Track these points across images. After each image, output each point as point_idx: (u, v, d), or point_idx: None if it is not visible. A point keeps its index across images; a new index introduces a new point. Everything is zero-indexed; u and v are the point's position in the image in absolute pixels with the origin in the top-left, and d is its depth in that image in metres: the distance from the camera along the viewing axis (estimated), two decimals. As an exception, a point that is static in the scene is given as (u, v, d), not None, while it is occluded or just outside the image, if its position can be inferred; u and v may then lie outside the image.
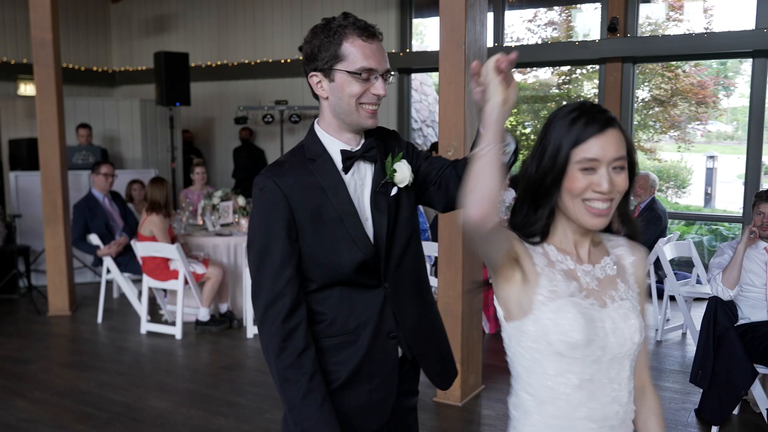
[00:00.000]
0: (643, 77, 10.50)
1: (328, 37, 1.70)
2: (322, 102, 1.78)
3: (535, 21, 11.33)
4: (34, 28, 6.11)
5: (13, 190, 7.46)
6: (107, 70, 11.29)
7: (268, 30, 9.75)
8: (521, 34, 11.17)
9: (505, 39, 8.44)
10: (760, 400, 3.78)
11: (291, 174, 1.72)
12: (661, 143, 11.04)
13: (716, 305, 3.86)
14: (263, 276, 1.68)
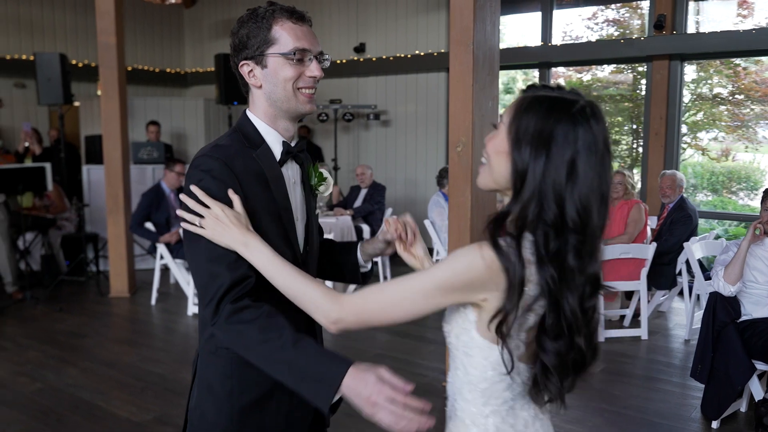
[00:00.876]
0: (705, 75, 10.25)
1: (257, 23, 1.65)
2: (254, 92, 1.69)
3: (594, 19, 11.25)
4: (100, 34, 6.69)
5: (86, 182, 8.13)
6: (179, 72, 12.00)
7: (326, 31, 10.12)
8: (580, 32, 11.12)
9: (553, 37, 8.44)
10: (756, 396, 3.79)
11: (239, 159, 1.61)
12: (724, 143, 10.71)
13: (716, 301, 3.89)
14: (215, 265, 1.54)
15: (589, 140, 1.26)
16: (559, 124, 1.25)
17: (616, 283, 5.52)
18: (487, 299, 1.29)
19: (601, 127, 1.30)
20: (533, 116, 1.26)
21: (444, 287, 1.30)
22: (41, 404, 4.23)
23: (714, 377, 3.86)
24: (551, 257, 1.26)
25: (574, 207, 1.25)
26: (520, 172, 1.27)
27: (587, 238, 1.28)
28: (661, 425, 3.95)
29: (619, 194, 5.68)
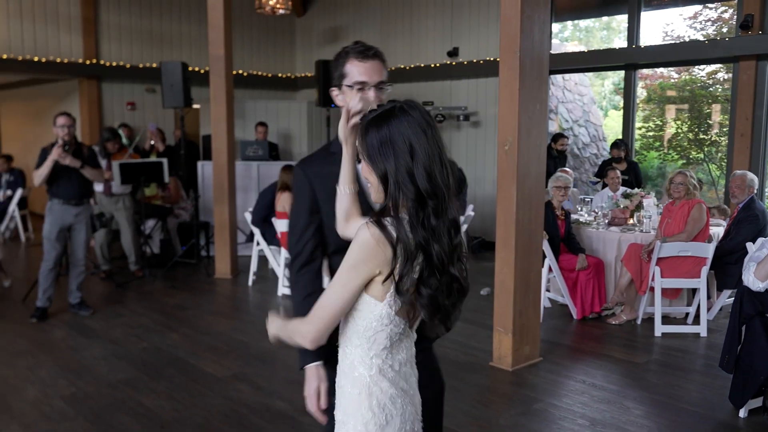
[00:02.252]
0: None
1: (338, 61, 2.15)
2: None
3: (697, 18, 11.06)
4: (211, 46, 7.58)
5: (200, 176, 9.13)
6: (290, 76, 12.96)
7: (423, 37, 10.65)
8: (681, 31, 10.98)
9: (640, 39, 8.49)
10: (783, 388, 3.91)
11: (315, 163, 2.17)
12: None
13: (743, 294, 4.05)
14: (290, 238, 2.19)
15: (413, 125, 1.69)
16: (390, 126, 1.69)
17: (675, 281, 5.66)
18: (381, 270, 1.72)
19: (417, 113, 1.72)
20: (371, 133, 1.72)
21: (351, 269, 1.73)
22: (145, 359, 5.05)
23: (739, 368, 4.02)
24: (420, 223, 1.70)
25: (423, 177, 1.68)
26: (382, 175, 1.72)
27: (439, 198, 1.71)
28: (691, 411, 4.16)
29: (680, 194, 5.79)
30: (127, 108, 11.00)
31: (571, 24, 12.46)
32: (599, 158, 11.72)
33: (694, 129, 10.98)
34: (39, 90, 12.20)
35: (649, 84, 11.67)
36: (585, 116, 11.88)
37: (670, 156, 11.01)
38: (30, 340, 5.51)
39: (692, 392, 4.48)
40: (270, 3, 10.29)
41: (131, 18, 10.87)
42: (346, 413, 1.83)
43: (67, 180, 5.94)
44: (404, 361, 1.86)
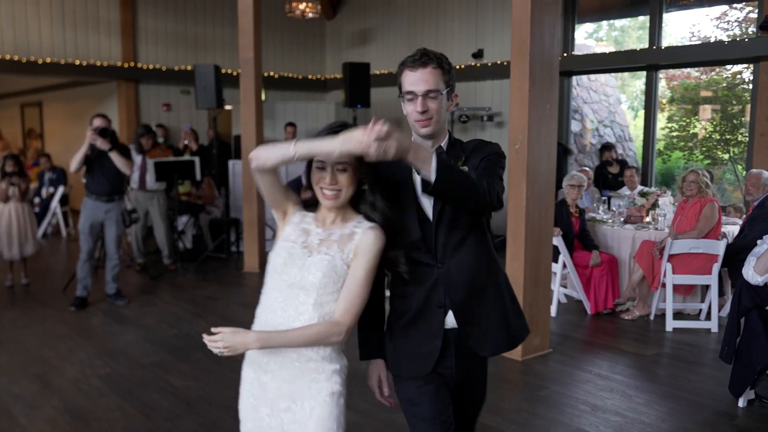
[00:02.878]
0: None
1: (398, 74, 2.25)
2: None
3: (723, 18, 11.06)
4: (241, 49, 7.91)
5: (231, 174, 9.48)
6: (320, 78, 13.28)
7: (448, 39, 10.85)
8: (708, 32, 10.99)
9: (662, 40, 8.58)
10: (780, 378, 4.04)
11: (389, 164, 2.05)
12: None
13: (742, 288, 4.19)
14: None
15: None
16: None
17: (686, 277, 5.79)
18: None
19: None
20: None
21: (371, 269, 2.08)
22: (174, 344, 5.38)
23: (738, 359, 4.17)
24: (376, 208, 2.11)
25: (378, 175, 2.11)
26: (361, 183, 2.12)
27: (380, 187, 2.13)
28: (691, 400, 4.31)
29: (692, 192, 5.91)
30: (162, 109, 11.44)
31: (606, 24, 12.54)
32: (625, 158, 11.77)
33: (720, 129, 10.98)
34: (80, 92, 12.72)
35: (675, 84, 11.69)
36: (611, 116, 11.94)
37: (695, 156, 11.02)
38: (70, 326, 5.89)
39: (695, 383, 4.63)
40: (300, 7, 10.61)
41: (167, 22, 11.30)
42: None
43: (100, 176, 6.32)
44: None
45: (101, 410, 4.12)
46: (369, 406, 4.01)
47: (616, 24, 12.73)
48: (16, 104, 15.96)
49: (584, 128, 11.54)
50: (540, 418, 4.06)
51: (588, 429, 3.90)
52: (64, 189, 10.86)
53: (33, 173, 11.61)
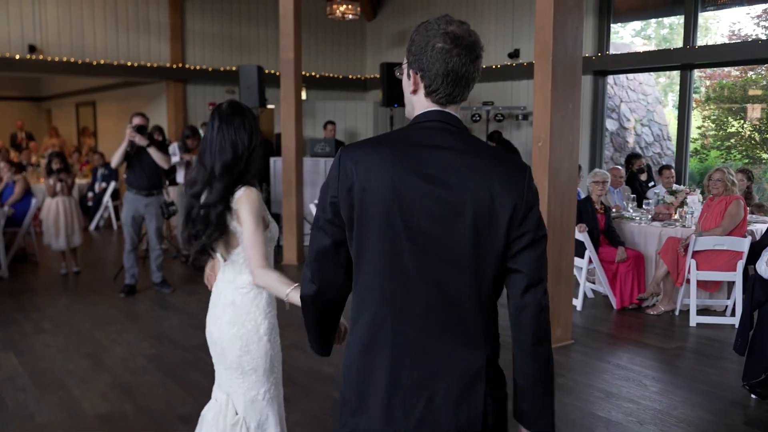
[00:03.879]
0: None
1: None
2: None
3: (764, 17, 10.97)
4: (282, 51, 8.25)
5: (272, 171, 9.86)
6: (360, 77, 13.59)
7: (485, 39, 10.90)
8: (749, 30, 10.92)
9: (697, 39, 8.61)
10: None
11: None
12: None
13: (755, 281, 4.31)
14: None
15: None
16: None
17: (709, 273, 5.89)
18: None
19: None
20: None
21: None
22: (215, 329, 5.74)
23: (751, 351, 4.29)
24: None
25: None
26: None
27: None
28: (705, 391, 4.45)
29: (718, 190, 6.00)
30: (208, 108, 11.89)
31: (654, 21, 12.53)
32: (662, 158, 11.77)
33: (761, 128, 10.89)
34: (131, 92, 13.31)
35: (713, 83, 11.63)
36: (649, 116, 11.94)
37: (733, 155, 10.96)
38: (119, 310, 6.31)
39: (712, 375, 4.75)
40: (340, 9, 10.94)
41: (213, 25, 11.76)
42: None
43: (139, 171, 6.73)
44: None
45: (146, 386, 4.48)
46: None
47: (664, 22, 12.69)
48: (71, 103, 16.71)
49: (622, 127, 11.57)
50: (556, 403, 4.25)
51: (599, 413, 4.08)
52: (115, 184, 11.41)
53: (87, 169, 12.22)
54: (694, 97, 9.18)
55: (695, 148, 10.63)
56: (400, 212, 1.55)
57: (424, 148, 1.58)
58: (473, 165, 1.57)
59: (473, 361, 1.59)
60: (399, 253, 1.57)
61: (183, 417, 3.99)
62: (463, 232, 1.54)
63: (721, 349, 5.34)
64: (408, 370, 1.59)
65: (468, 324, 1.59)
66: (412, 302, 1.58)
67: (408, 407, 1.59)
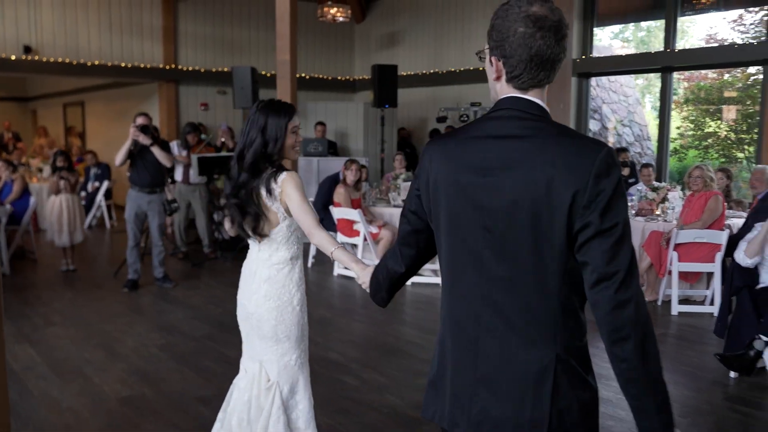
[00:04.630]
0: None
1: None
2: (544, 92, 1.63)
3: (740, 21, 11.40)
4: (278, 53, 8.48)
5: (266, 170, 10.07)
6: (349, 79, 13.85)
7: (474, 42, 11.34)
8: (725, 34, 11.34)
9: (676, 43, 8.99)
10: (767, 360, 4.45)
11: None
12: None
13: (734, 269, 4.65)
14: None
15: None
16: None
17: (690, 265, 6.23)
18: None
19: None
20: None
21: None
22: (221, 321, 5.97)
23: (730, 333, 4.62)
24: None
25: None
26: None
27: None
28: (687, 371, 4.77)
29: (698, 186, 6.34)
30: (200, 108, 12.10)
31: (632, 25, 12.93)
32: (642, 157, 12.16)
33: (736, 129, 11.33)
34: (121, 92, 13.44)
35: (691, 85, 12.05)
36: (629, 116, 12.33)
37: (710, 155, 11.39)
38: (124, 305, 6.51)
39: (693, 358, 5.08)
40: (331, 12, 11.19)
41: (205, 27, 11.96)
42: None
43: (142, 169, 6.93)
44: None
45: (163, 372, 4.71)
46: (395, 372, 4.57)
47: (642, 25, 13.10)
48: (59, 104, 16.77)
49: (604, 127, 11.95)
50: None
51: (591, 393, 4.38)
52: (108, 183, 11.55)
53: (79, 168, 12.33)
54: (673, 99, 9.56)
55: (674, 148, 11.03)
56: (459, 208, 1.57)
57: (487, 139, 1.56)
58: (533, 154, 1.49)
59: (539, 360, 1.53)
60: (464, 249, 1.58)
61: (202, 399, 4.22)
62: (522, 225, 1.49)
63: (701, 335, 5.68)
64: (461, 366, 1.62)
65: (535, 322, 1.53)
66: (476, 298, 1.58)
67: (470, 400, 1.60)
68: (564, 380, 1.54)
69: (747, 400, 4.32)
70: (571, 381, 1.55)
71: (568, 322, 1.55)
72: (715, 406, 4.25)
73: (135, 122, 6.88)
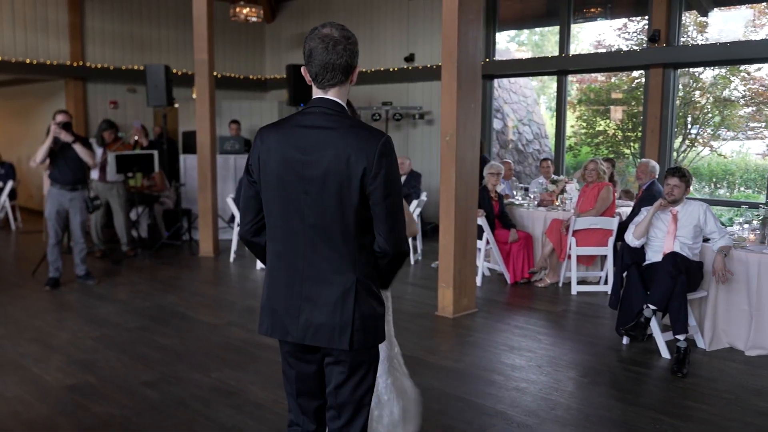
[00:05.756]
0: (725, 81, 11.31)
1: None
2: (343, 91, 2.22)
3: (624, 29, 12.45)
4: (196, 52, 8.62)
5: (182, 168, 10.14)
6: (260, 78, 14.01)
7: (382, 44, 11.81)
8: (612, 40, 12.35)
9: (573, 49, 9.80)
10: (653, 327, 5.11)
11: None
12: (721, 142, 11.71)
13: (624, 249, 5.31)
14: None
15: None
16: None
17: (586, 249, 6.93)
18: None
19: None
20: None
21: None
22: (151, 313, 6.11)
23: (622, 305, 5.26)
24: None
25: None
26: None
27: None
28: (587, 340, 5.40)
29: (593, 178, 7.06)
30: (109, 107, 11.93)
31: (527, 30, 13.81)
32: (541, 153, 13.05)
33: (623, 127, 12.39)
34: (25, 89, 13.00)
35: (583, 87, 13.06)
36: (529, 116, 13.18)
37: (601, 151, 12.40)
38: (50, 302, 6.50)
39: (591, 329, 5.73)
40: (244, 12, 11.35)
41: (114, 24, 11.81)
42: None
43: (63, 166, 6.93)
44: None
45: (102, 361, 4.84)
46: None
47: (535, 29, 14.04)
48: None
49: (506, 126, 12.73)
50: (469, 356, 5.05)
51: (506, 361, 4.91)
52: (12, 183, 11.21)
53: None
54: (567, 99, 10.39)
55: (570, 145, 11.92)
56: (287, 176, 2.15)
57: (305, 128, 2.16)
58: (337, 140, 2.10)
59: (344, 282, 2.15)
60: (290, 205, 2.17)
61: (146, 382, 4.42)
62: (330, 189, 2.10)
63: (597, 310, 6.36)
64: (290, 289, 2.21)
65: (340, 256, 2.15)
66: (300, 240, 2.18)
67: (299, 313, 2.20)
68: (363, 296, 2.17)
69: (637, 362, 4.97)
70: (368, 296, 2.19)
71: (362, 256, 2.18)
72: (611, 367, 4.87)
73: (55, 119, 6.86)
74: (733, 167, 11.46)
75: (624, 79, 12.39)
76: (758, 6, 10.02)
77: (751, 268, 5.08)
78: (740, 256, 5.13)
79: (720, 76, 11.33)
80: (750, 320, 5.12)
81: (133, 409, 4.03)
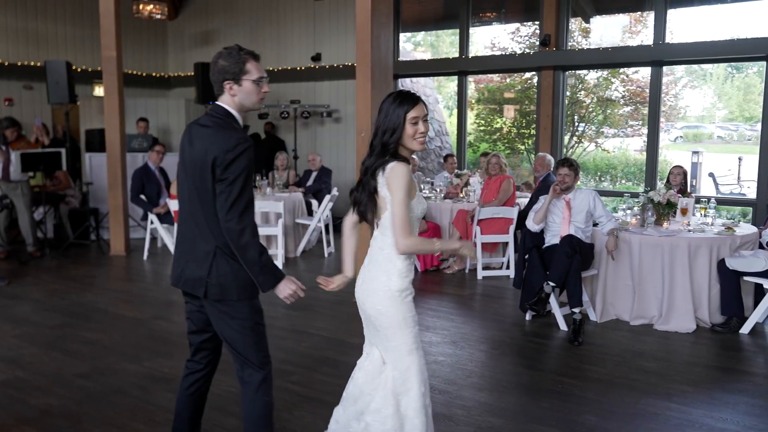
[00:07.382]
0: (606, 82, 12.31)
1: (235, 59, 2.71)
2: (228, 98, 2.76)
3: (517, 33, 13.25)
4: (104, 48, 8.54)
5: (87, 167, 9.96)
6: (164, 75, 13.85)
7: (289, 43, 12.03)
8: (506, 43, 13.12)
9: (470, 51, 10.42)
10: (552, 303, 5.69)
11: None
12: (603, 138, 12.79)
13: (525, 234, 5.87)
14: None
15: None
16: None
17: (490, 237, 7.49)
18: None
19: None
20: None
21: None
22: (72, 310, 6.11)
23: (524, 285, 5.81)
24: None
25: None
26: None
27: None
28: (494, 318, 5.92)
29: (496, 170, 7.64)
30: (4, 104, 11.46)
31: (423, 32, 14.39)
32: (443, 150, 13.68)
33: (517, 125, 13.22)
34: None
35: (481, 87, 13.81)
36: (430, 114, 13.77)
37: (499, 147, 13.17)
38: (-41, 303, 6.35)
39: (497, 309, 6.27)
40: (148, 8, 11.24)
41: (7, 18, 11.37)
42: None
43: None
44: None
45: (29, 357, 4.86)
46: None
47: (431, 32, 14.66)
48: None
49: (409, 124, 13.23)
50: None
51: (424, 339, 5.32)
52: None
53: None
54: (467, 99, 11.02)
55: (470, 141, 12.59)
56: (184, 161, 2.82)
57: (196, 126, 2.81)
58: (207, 135, 2.71)
59: (207, 247, 2.76)
60: (185, 185, 2.82)
61: (80, 374, 4.51)
62: (199, 173, 2.70)
63: (501, 292, 6.92)
64: (180, 248, 2.90)
65: (203, 228, 2.76)
66: (184, 214, 2.85)
67: (183, 267, 2.86)
68: (221, 259, 2.77)
69: (539, 334, 5.53)
70: (225, 259, 2.77)
71: (220, 230, 2.74)
72: (516, 339, 5.40)
73: None
74: (615, 161, 12.52)
75: (517, 80, 13.20)
76: (633, 15, 11.01)
77: (633, 248, 5.77)
78: (624, 237, 5.80)
79: (602, 77, 12.32)
80: (633, 294, 5.80)
81: (71, 399, 4.12)
